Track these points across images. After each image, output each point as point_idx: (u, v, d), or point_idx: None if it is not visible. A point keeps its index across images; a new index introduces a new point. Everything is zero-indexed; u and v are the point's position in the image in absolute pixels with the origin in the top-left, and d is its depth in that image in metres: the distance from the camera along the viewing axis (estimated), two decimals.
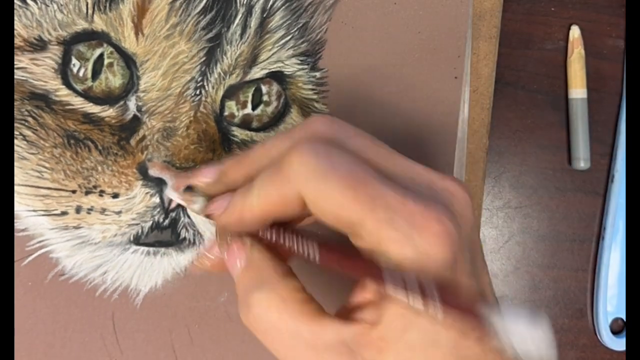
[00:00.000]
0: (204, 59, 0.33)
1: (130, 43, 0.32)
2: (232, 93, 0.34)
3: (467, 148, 0.38)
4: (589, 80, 0.42)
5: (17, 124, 0.32)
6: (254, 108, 0.34)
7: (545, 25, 0.43)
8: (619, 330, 0.43)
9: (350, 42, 0.36)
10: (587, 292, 0.43)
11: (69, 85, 0.32)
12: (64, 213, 0.32)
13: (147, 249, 0.33)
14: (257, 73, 0.34)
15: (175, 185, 0.31)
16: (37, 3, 0.32)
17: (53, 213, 0.32)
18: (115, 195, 0.32)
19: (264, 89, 0.35)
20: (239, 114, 0.34)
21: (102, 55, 0.32)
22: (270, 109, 0.35)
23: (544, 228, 0.43)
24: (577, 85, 0.42)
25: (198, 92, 0.33)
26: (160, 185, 0.33)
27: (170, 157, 0.33)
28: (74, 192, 0.32)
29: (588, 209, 0.43)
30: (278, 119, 0.35)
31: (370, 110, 0.36)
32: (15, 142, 0.32)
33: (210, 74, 0.33)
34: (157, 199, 0.33)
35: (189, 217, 0.33)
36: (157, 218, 0.33)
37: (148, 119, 0.33)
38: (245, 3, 0.34)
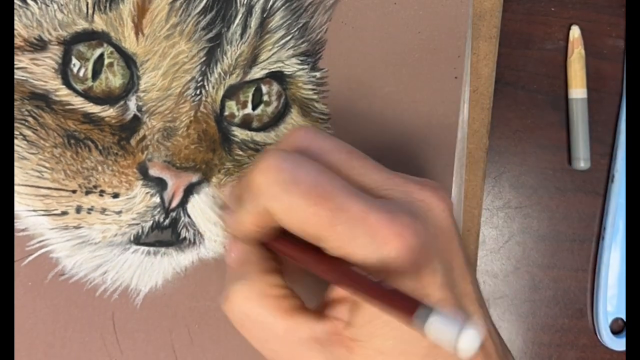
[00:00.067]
0: (204, 59, 0.33)
1: (131, 43, 0.32)
2: (232, 93, 0.34)
3: (467, 148, 0.38)
4: (589, 80, 0.42)
5: (17, 124, 0.32)
6: (254, 108, 0.34)
7: (545, 25, 0.43)
8: (619, 330, 0.43)
9: (350, 42, 0.36)
10: (587, 292, 0.43)
11: (69, 85, 0.32)
12: (64, 213, 0.32)
13: (147, 249, 0.33)
14: (257, 73, 0.34)
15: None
16: (37, 3, 0.32)
17: (53, 213, 0.32)
18: (116, 195, 0.32)
19: (264, 89, 0.35)
20: (239, 114, 0.34)
21: (102, 55, 0.32)
22: (271, 109, 0.35)
23: (544, 228, 0.43)
24: (577, 85, 0.42)
25: (198, 92, 0.33)
26: (161, 185, 0.33)
27: (171, 157, 0.33)
28: (74, 192, 0.32)
29: (588, 209, 0.43)
30: (278, 119, 0.35)
31: (370, 110, 0.36)
32: (16, 142, 0.32)
33: (211, 74, 0.33)
34: (157, 199, 0.33)
35: (189, 216, 0.33)
36: (157, 218, 0.33)
37: (148, 119, 0.33)
38: (246, 3, 0.34)
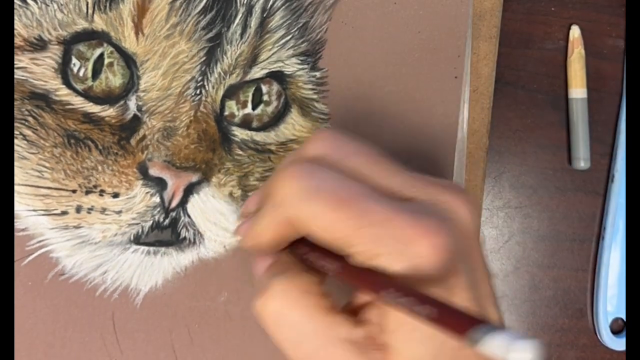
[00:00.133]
0: (204, 59, 0.33)
1: (131, 43, 0.32)
2: (232, 93, 0.34)
3: (467, 148, 0.38)
4: (589, 80, 0.42)
5: (17, 124, 0.32)
6: (254, 108, 0.34)
7: (545, 25, 0.43)
8: (619, 330, 0.43)
9: (350, 42, 0.36)
10: (587, 292, 0.43)
11: (69, 85, 0.32)
12: (64, 213, 0.32)
13: (147, 249, 0.33)
14: (257, 73, 0.34)
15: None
16: (37, 3, 0.32)
17: (53, 213, 0.32)
18: (116, 195, 0.32)
19: (264, 89, 0.35)
20: (239, 114, 0.34)
21: (102, 55, 0.32)
22: (271, 109, 0.35)
23: (544, 228, 0.43)
24: (577, 85, 0.42)
25: (198, 91, 0.33)
26: (161, 185, 0.33)
27: (171, 156, 0.32)
28: (74, 191, 0.32)
29: (588, 209, 0.43)
30: (278, 119, 0.35)
31: (370, 110, 0.36)
32: (16, 141, 0.32)
33: (211, 74, 0.33)
34: (157, 199, 0.33)
35: (189, 216, 0.33)
36: (157, 218, 0.33)
37: (148, 119, 0.33)
38: (246, 3, 0.34)
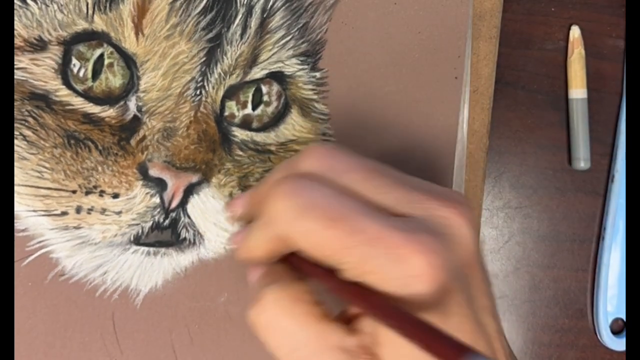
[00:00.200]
0: (204, 59, 0.33)
1: (131, 43, 0.32)
2: (232, 93, 0.34)
3: (467, 148, 0.38)
4: (589, 80, 0.42)
5: (17, 124, 0.32)
6: (254, 108, 0.34)
7: (545, 25, 0.43)
8: (619, 330, 0.43)
9: (350, 42, 0.36)
10: (587, 292, 0.43)
11: (69, 86, 0.32)
12: (64, 213, 0.32)
13: (147, 249, 0.33)
14: (257, 73, 0.34)
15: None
16: (37, 3, 0.32)
17: (53, 213, 0.32)
18: (116, 196, 0.32)
19: (264, 89, 0.35)
20: (239, 114, 0.34)
21: (102, 56, 0.32)
22: (271, 109, 0.35)
23: (544, 228, 0.43)
24: (577, 85, 0.42)
25: (198, 92, 0.33)
26: (161, 185, 0.33)
27: (171, 157, 0.32)
28: (74, 192, 0.32)
29: (588, 209, 0.43)
30: (278, 119, 0.35)
31: (370, 110, 0.36)
32: (16, 142, 0.32)
33: (211, 74, 0.33)
34: (157, 199, 0.33)
35: (189, 217, 0.33)
36: (157, 218, 0.33)
37: (148, 119, 0.33)
38: (246, 3, 0.34)
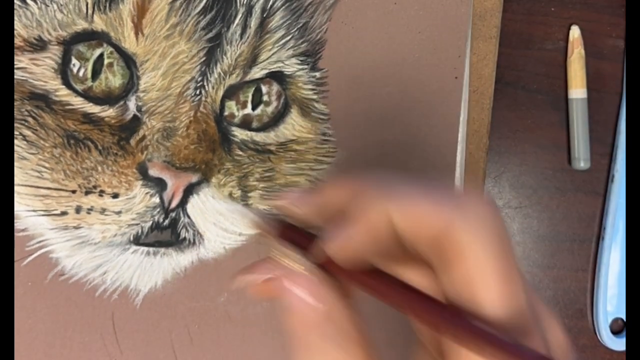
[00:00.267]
0: (204, 59, 0.33)
1: (130, 43, 0.32)
2: (232, 93, 0.34)
3: (467, 148, 0.38)
4: (589, 80, 0.42)
5: (17, 124, 0.32)
6: (254, 108, 0.34)
7: (545, 25, 0.43)
8: (619, 330, 0.43)
9: (350, 42, 0.36)
10: (587, 292, 0.43)
11: (69, 85, 0.32)
12: (64, 213, 0.32)
13: (147, 249, 0.33)
14: (257, 73, 0.34)
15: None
16: (37, 3, 0.32)
17: (53, 213, 0.32)
18: (115, 195, 0.32)
19: (264, 89, 0.35)
20: (239, 114, 0.34)
21: (102, 55, 0.32)
22: (270, 109, 0.35)
23: (544, 228, 0.43)
24: (577, 85, 0.42)
25: (198, 92, 0.33)
26: (160, 185, 0.33)
27: (170, 157, 0.32)
28: (74, 192, 0.32)
29: (588, 209, 0.43)
30: (278, 119, 0.35)
31: (370, 110, 0.36)
32: (15, 142, 0.32)
33: (210, 74, 0.33)
34: (157, 199, 0.33)
35: (189, 217, 0.33)
36: (157, 218, 0.33)
37: (148, 119, 0.33)
38: (245, 3, 0.34)
